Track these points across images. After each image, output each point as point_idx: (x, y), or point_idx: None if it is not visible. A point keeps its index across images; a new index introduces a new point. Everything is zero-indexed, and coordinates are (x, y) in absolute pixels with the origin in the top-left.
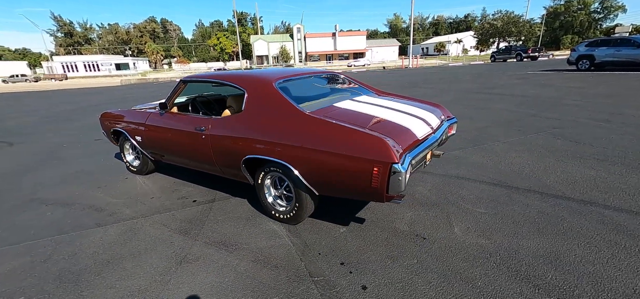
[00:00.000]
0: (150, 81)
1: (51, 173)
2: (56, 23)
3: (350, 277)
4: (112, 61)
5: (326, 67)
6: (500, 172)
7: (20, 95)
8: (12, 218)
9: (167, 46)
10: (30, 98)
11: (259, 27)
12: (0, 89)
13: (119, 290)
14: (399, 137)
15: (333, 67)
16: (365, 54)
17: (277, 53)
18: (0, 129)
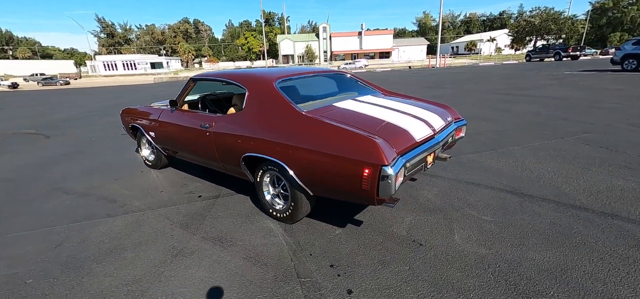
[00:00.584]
0: (181, 79)
1: (77, 165)
2: (100, 25)
3: (337, 280)
4: (147, 60)
5: (322, 67)
6: (515, 178)
7: (71, 91)
8: (37, 205)
9: (198, 46)
10: (79, 95)
11: (285, 27)
12: (57, 86)
13: (116, 279)
14: (393, 138)
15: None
16: (391, 53)
17: (302, 53)
18: (44, 123)
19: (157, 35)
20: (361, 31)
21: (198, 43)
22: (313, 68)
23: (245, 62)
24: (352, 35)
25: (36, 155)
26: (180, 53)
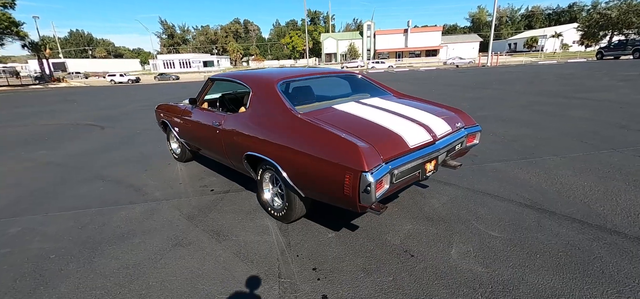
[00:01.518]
0: None
1: (118, 155)
2: (162, 26)
3: (315, 284)
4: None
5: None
6: (541, 192)
7: (137, 87)
8: (77, 189)
9: (247, 45)
10: (141, 90)
11: (330, 25)
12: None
13: (119, 261)
14: (382, 143)
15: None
16: (438, 52)
17: (345, 51)
18: (104, 115)
19: (211, 35)
20: (407, 28)
21: (247, 42)
22: (324, 69)
23: (289, 61)
24: (397, 33)
25: (88, 145)
26: (229, 52)
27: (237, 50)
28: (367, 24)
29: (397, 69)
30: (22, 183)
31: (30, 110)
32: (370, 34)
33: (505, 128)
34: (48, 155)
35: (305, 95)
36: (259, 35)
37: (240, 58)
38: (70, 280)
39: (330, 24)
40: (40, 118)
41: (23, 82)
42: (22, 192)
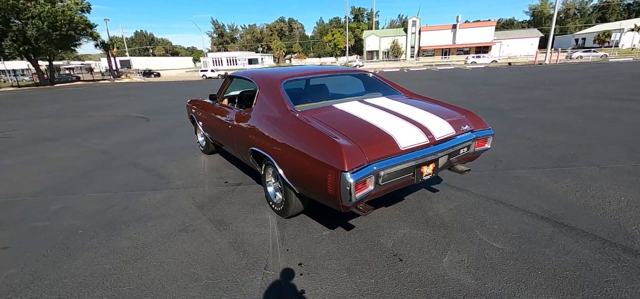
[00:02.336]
0: None
1: (156, 145)
2: (213, 26)
3: (297, 279)
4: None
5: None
6: (565, 205)
7: (196, 82)
8: (113, 175)
9: (290, 43)
10: (191, 85)
11: (373, 22)
12: (183, 77)
13: (131, 241)
14: (370, 144)
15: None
16: (490, 48)
17: (387, 48)
18: (152, 109)
19: (257, 34)
20: (456, 24)
21: (290, 40)
22: (336, 68)
23: (331, 58)
24: (445, 29)
25: (132, 135)
26: (273, 50)
27: (280, 48)
28: (412, 20)
29: (441, 67)
30: (72, 167)
31: (94, 103)
32: (415, 30)
33: (543, 132)
34: (98, 143)
35: (309, 94)
36: (303, 33)
37: (283, 56)
38: (88, 254)
39: (374, 21)
40: (100, 110)
41: (94, 77)
42: (70, 174)
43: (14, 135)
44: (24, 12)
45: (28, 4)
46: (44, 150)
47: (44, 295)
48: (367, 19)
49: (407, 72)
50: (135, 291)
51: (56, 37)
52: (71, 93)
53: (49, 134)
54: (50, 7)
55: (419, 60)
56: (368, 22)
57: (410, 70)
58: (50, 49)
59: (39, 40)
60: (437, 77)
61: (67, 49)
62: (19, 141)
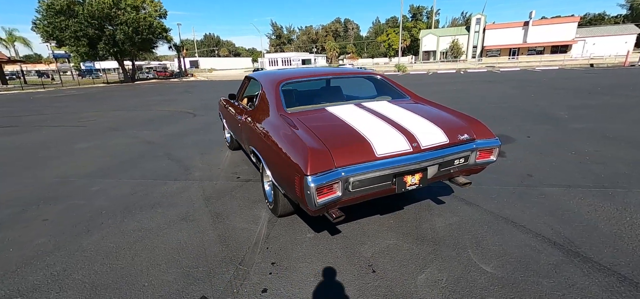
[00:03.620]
0: None
1: (192, 139)
2: (272, 28)
3: (265, 277)
4: (299, 57)
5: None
6: (589, 231)
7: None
8: (148, 163)
9: (344, 43)
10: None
11: (433, 21)
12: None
13: (138, 224)
14: (342, 148)
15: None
16: (570, 48)
17: (446, 48)
18: (202, 105)
19: (312, 35)
20: (528, 20)
21: (345, 41)
22: (343, 70)
23: (384, 59)
24: (515, 26)
25: (176, 129)
26: (326, 51)
27: (334, 49)
28: (476, 18)
29: (505, 69)
30: (120, 154)
31: (158, 99)
32: (478, 28)
33: (598, 146)
34: (148, 134)
35: (306, 96)
36: (357, 34)
37: (336, 57)
38: (101, 232)
39: (434, 19)
40: (162, 105)
41: (167, 76)
42: (116, 161)
43: (88, 125)
44: (115, 19)
45: (118, 12)
46: (107, 138)
47: (56, 263)
48: (426, 18)
49: (464, 73)
50: (124, 269)
51: (138, 40)
52: (145, 89)
53: (115, 125)
54: (135, 14)
55: (481, 60)
56: (427, 21)
57: (467, 72)
58: (133, 50)
59: (125, 43)
60: (494, 79)
61: (146, 50)
62: (91, 130)
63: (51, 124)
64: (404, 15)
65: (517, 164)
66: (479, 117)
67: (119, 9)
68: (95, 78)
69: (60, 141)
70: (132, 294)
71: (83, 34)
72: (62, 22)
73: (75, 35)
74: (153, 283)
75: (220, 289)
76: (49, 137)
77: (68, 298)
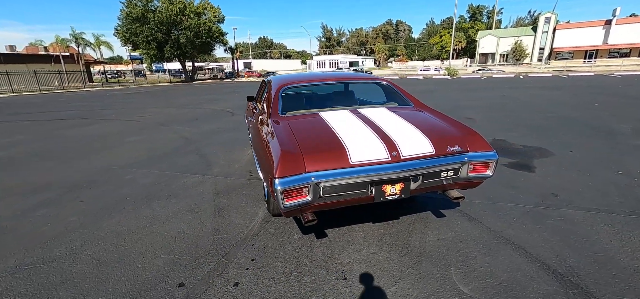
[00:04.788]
0: None
1: (223, 136)
2: (322, 30)
3: (241, 272)
4: (347, 60)
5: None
6: (601, 262)
7: None
8: (179, 158)
9: (395, 46)
10: None
11: (494, 21)
12: None
13: (152, 211)
14: (315, 154)
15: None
16: None
17: (507, 50)
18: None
19: (362, 37)
20: (611, 19)
21: (395, 43)
22: (347, 75)
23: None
24: (593, 26)
25: (213, 126)
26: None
27: (382, 51)
28: (544, 17)
29: (575, 73)
30: (159, 148)
31: (207, 97)
32: (547, 28)
33: None
34: (188, 131)
35: (306, 101)
36: (409, 36)
37: (384, 59)
38: (120, 217)
39: (495, 19)
40: (210, 104)
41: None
42: (154, 154)
43: (142, 120)
44: (180, 25)
45: (183, 18)
46: (153, 133)
47: (76, 239)
48: (487, 18)
49: (523, 78)
50: (127, 250)
51: (198, 43)
52: (200, 88)
53: (163, 121)
54: (197, 20)
55: (549, 63)
56: (487, 21)
57: (528, 76)
58: (193, 53)
59: (187, 46)
60: (556, 84)
61: (205, 53)
62: (143, 125)
63: (114, 118)
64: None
65: (545, 181)
66: (512, 126)
67: (184, 16)
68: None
69: (116, 133)
70: (125, 273)
71: (153, 38)
72: (137, 28)
73: (147, 40)
74: (145, 266)
75: (199, 278)
76: (108, 129)
77: (77, 269)
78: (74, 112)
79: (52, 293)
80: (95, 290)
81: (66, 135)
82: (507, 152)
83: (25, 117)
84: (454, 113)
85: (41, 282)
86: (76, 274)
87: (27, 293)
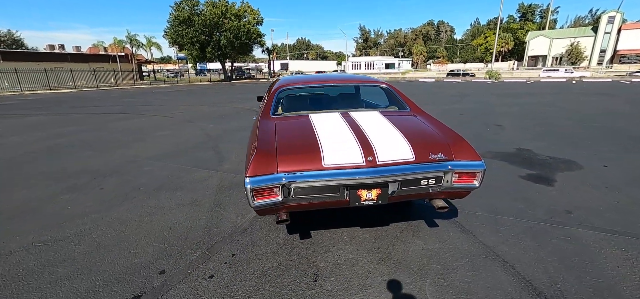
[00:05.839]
0: (398, 80)
1: (242, 134)
2: (360, 32)
3: (219, 265)
4: (383, 61)
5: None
6: (601, 290)
7: None
8: (196, 153)
9: (435, 47)
10: None
11: (548, 20)
12: None
13: (158, 202)
14: (289, 155)
15: None
16: None
17: (562, 53)
18: None
19: (400, 38)
20: None
21: (436, 44)
22: (350, 77)
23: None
24: None
25: (236, 124)
26: (413, 55)
27: (421, 53)
28: (608, 16)
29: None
30: (182, 143)
31: (240, 97)
32: (611, 29)
33: None
34: (212, 128)
35: (301, 102)
36: (451, 37)
37: (422, 61)
38: (130, 204)
39: (549, 19)
40: (239, 102)
41: (257, 77)
42: (176, 149)
43: (175, 116)
44: (221, 27)
45: (224, 21)
46: (180, 129)
47: (87, 223)
48: (540, 17)
49: (575, 83)
50: (126, 236)
51: (237, 45)
52: (236, 87)
53: (193, 118)
54: (237, 22)
55: (610, 67)
56: (540, 21)
57: (582, 81)
58: (232, 54)
59: (227, 47)
60: (614, 91)
61: (244, 53)
62: (174, 121)
63: (152, 114)
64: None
65: (562, 196)
66: (544, 135)
67: (226, 18)
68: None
69: (149, 128)
70: (118, 257)
71: (196, 39)
72: (183, 30)
73: (191, 41)
74: (137, 252)
75: (179, 268)
76: (144, 123)
77: (79, 249)
78: (120, 107)
79: (53, 269)
80: (89, 270)
81: (108, 127)
82: (528, 163)
83: (80, 111)
84: (483, 119)
85: (48, 258)
86: (77, 254)
87: (34, 267)
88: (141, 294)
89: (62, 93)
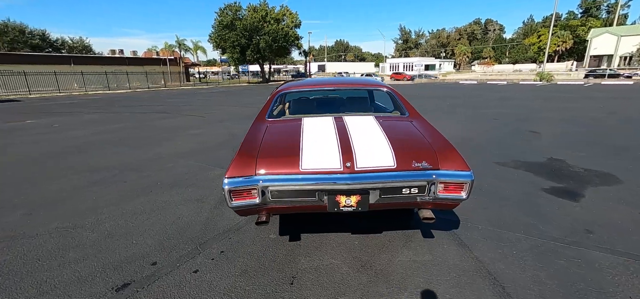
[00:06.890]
0: (437, 81)
1: None
2: (400, 32)
3: (206, 261)
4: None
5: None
6: None
7: None
8: (215, 152)
9: (481, 47)
10: None
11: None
12: None
13: (169, 197)
14: (269, 158)
15: None
16: None
17: (632, 52)
18: None
19: (443, 38)
20: None
21: (483, 44)
22: (353, 80)
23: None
24: None
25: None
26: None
27: (464, 53)
28: None
29: None
30: (207, 142)
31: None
32: None
33: None
34: (237, 128)
35: (299, 105)
36: (499, 36)
37: (466, 62)
38: (144, 198)
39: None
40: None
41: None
42: (200, 147)
43: (207, 116)
44: (261, 31)
45: (264, 24)
46: (210, 128)
47: (104, 213)
48: (606, 13)
49: None
50: (133, 227)
51: (275, 47)
52: (271, 89)
53: (223, 118)
54: (276, 25)
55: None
56: (606, 17)
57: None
58: (270, 56)
59: (265, 50)
60: None
61: (281, 56)
62: (206, 120)
63: (189, 113)
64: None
65: (585, 213)
66: (585, 145)
67: (265, 22)
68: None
69: (183, 127)
70: (121, 245)
71: (237, 43)
72: (226, 34)
73: (233, 45)
74: (138, 243)
75: (170, 261)
76: (179, 123)
77: (91, 237)
78: (163, 106)
79: (65, 253)
80: (94, 255)
81: (148, 125)
82: (556, 175)
83: (128, 110)
84: (516, 126)
85: (64, 243)
86: (88, 241)
87: (51, 250)
88: (130, 282)
89: (118, 93)
